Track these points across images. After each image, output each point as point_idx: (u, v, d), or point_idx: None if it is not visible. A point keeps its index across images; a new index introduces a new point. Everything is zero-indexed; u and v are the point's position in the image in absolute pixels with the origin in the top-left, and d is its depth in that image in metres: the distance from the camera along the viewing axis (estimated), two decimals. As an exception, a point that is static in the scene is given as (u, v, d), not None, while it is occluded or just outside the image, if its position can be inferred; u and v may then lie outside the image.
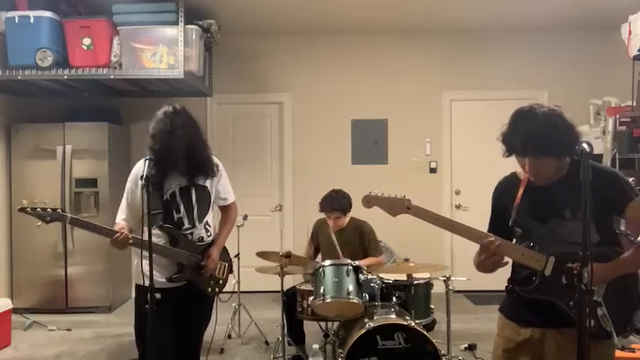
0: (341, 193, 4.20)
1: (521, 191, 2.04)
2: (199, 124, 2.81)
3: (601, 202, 1.88)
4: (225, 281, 3.00)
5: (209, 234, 2.88)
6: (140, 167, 2.73)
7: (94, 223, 2.66)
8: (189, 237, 2.79)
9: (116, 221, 2.78)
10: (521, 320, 2.05)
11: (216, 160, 2.90)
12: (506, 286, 2.15)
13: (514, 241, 2.07)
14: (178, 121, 2.65)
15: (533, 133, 1.88)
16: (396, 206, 2.03)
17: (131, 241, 2.59)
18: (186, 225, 2.77)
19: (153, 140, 2.65)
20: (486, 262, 1.98)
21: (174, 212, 2.74)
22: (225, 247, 3.00)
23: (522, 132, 1.91)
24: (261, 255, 3.84)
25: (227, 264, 3.00)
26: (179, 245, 2.73)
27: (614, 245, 1.99)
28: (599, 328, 1.91)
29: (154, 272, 2.66)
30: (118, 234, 2.58)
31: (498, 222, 2.11)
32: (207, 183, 2.85)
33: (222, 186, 2.95)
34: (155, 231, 2.66)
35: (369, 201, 2.06)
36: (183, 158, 2.68)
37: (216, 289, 2.93)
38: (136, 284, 2.79)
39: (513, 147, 1.95)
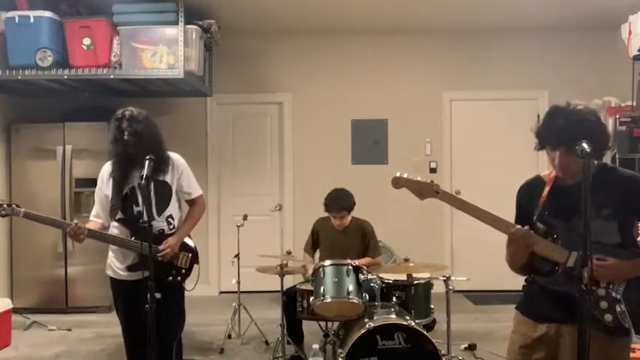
0: (345, 191, 4.22)
1: (546, 190, 2.08)
2: (150, 123, 2.95)
3: (625, 204, 1.96)
4: (189, 271, 3.07)
5: (172, 227, 3.00)
6: (106, 169, 3.01)
7: (47, 215, 2.91)
8: (148, 229, 2.88)
9: (90, 218, 3.04)
10: (538, 316, 2.09)
11: (174, 155, 3.04)
12: (524, 285, 2.19)
13: None
14: (125, 125, 2.84)
15: (568, 126, 1.93)
16: (425, 190, 2.09)
17: (85, 233, 2.81)
18: (144, 218, 2.86)
19: (110, 145, 2.94)
20: (517, 254, 2.01)
21: (133, 206, 2.90)
22: (190, 238, 3.11)
23: (557, 125, 1.95)
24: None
25: (190, 254, 3.07)
26: (138, 237, 2.86)
27: (634, 247, 2.02)
28: (618, 325, 1.94)
29: (118, 266, 2.96)
30: (72, 226, 2.79)
31: (522, 222, 2.13)
32: (167, 178, 2.98)
33: (185, 181, 3.06)
34: (115, 224, 2.94)
35: (398, 182, 2.11)
36: (136, 156, 2.77)
37: (178, 278, 3.02)
38: (109, 277, 3.07)
39: (547, 139, 1.99)
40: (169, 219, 2.99)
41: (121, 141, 2.84)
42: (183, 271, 3.03)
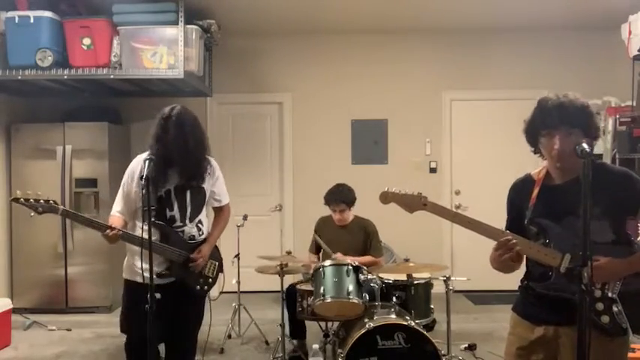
0: (346, 186, 4.25)
1: (536, 191, 2.07)
2: (198, 126, 2.81)
3: (616, 201, 1.94)
4: (215, 279, 3.01)
5: (201, 233, 2.92)
6: (138, 162, 2.81)
7: (86, 216, 2.74)
8: (180, 234, 2.83)
9: (111, 213, 2.84)
10: (535, 318, 2.07)
11: (212, 161, 2.95)
12: (520, 286, 2.18)
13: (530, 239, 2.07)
14: (171, 126, 2.69)
15: (567, 104, 1.93)
16: (413, 203, 2.06)
17: (121, 233, 2.66)
18: (178, 223, 2.82)
19: (152, 140, 2.73)
20: (502, 259, 1.99)
21: (167, 209, 2.78)
22: (216, 247, 3.03)
23: (555, 104, 1.95)
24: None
25: (217, 263, 3.02)
26: (169, 242, 2.77)
27: (627, 245, 2.01)
28: (615, 325, 1.94)
29: (143, 269, 2.71)
30: (109, 229, 2.63)
31: (514, 223, 2.13)
32: (204, 184, 2.90)
33: (218, 188, 3.00)
34: (146, 227, 2.68)
35: (386, 197, 2.10)
36: (178, 160, 2.70)
37: (205, 287, 2.95)
38: (125, 279, 2.86)
39: (545, 122, 1.97)
40: (199, 225, 2.90)
41: (164, 141, 2.68)
42: (210, 280, 2.97)
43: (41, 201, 2.60)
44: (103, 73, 4.84)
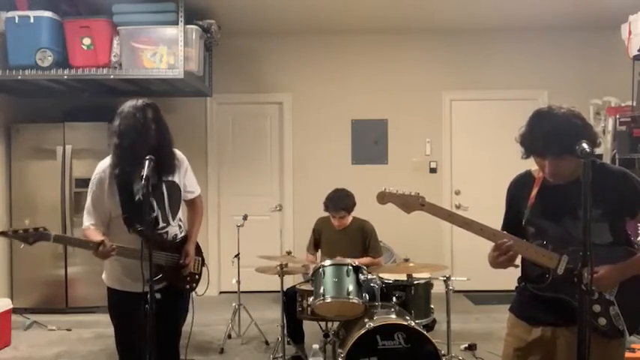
0: (345, 192, 4.22)
1: (535, 191, 2.05)
2: (165, 118, 2.71)
3: (615, 203, 1.93)
4: (200, 275, 2.95)
5: (182, 230, 2.83)
6: (102, 170, 2.69)
7: (77, 237, 2.66)
8: (165, 236, 2.72)
9: (84, 226, 2.67)
10: (532, 319, 2.07)
11: (179, 152, 2.82)
12: (517, 286, 2.17)
13: (528, 239, 2.07)
14: (150, 116, 2.59)
15: (555, 132, 1.87)
16: (411, 203, 2.03)
17: (115, 247, 2.51)
18: (161, 224, 2.69)
19: (121, 137, 2.58)
20: (499, 260, 1.98)
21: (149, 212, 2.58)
22: (197, 242, 2.94)
23: (543, 132, 1.89)
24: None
25: (200, 258, 2.95)
26: (155, 247, 2.60)
27: (625, 246, 2.00)
28: (612, 327, 1.93)
29: (127, 280, 2.69)
30: (102, 245, 2.48)
31: (512, 220, 2.13)
32: (176, 177, 2.77)
33: (189, 179, 2.88)
34: (130, 236, 2.58)
35: (383, 197, 2.06)
36: (157, 155, 2.51)
37: (194, 285, 2.90)
38: (109, 288, 2.79)
39: (533, 147, 1.93)
40: (179, 222, 2.79)
41: (143, 135, 2.52)
42: (197, 276, 2.91)
43: (30, 230, 2.48)
44: (103, 73, 4.84)
